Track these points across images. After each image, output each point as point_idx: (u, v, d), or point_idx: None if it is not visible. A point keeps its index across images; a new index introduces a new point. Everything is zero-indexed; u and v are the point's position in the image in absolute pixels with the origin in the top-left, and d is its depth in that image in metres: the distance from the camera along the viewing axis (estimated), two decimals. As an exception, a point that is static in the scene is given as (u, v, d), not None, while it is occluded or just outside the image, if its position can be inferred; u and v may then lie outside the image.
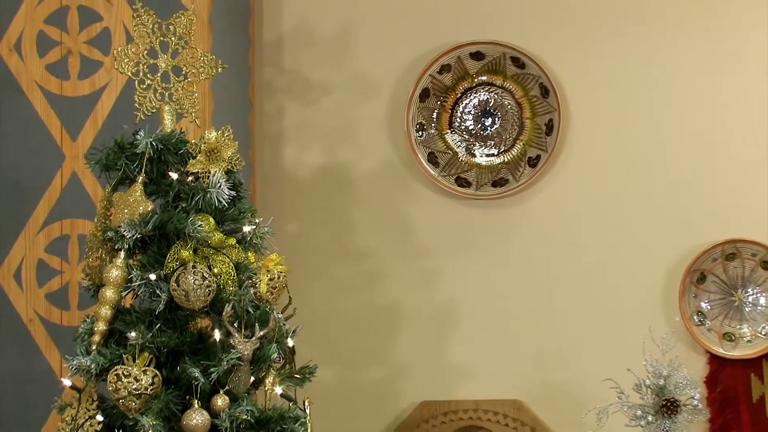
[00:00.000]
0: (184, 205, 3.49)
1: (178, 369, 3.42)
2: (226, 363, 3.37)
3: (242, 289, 3.47)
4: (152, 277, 3.41)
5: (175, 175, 3.52)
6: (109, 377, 3.34)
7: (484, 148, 4.66)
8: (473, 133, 4.66)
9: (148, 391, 3.33)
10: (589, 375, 4.30)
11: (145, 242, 3.48)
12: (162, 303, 3.41)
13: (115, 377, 3.33)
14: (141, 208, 3.45)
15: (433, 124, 4.67)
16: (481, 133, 4.66)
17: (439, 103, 4.66)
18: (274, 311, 3.55)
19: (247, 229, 3.56)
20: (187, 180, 3.53)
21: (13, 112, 4.27)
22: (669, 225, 4.51)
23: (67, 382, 3.49)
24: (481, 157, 4.65)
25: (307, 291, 4.52)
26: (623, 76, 4.57)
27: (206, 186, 3.49)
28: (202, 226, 3.43)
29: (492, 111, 4.66)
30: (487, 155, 4.65)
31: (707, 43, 4.53)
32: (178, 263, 3.41)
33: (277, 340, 3.54)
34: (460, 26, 4.63)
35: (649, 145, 4.55)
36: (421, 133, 4.65)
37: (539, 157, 4.58)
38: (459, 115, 4.66)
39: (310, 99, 4.73)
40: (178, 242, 3.44)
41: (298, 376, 3.67)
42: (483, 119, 4.66)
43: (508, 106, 4.64)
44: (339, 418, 4.50)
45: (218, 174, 3.50)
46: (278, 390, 3.57)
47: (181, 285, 3.39)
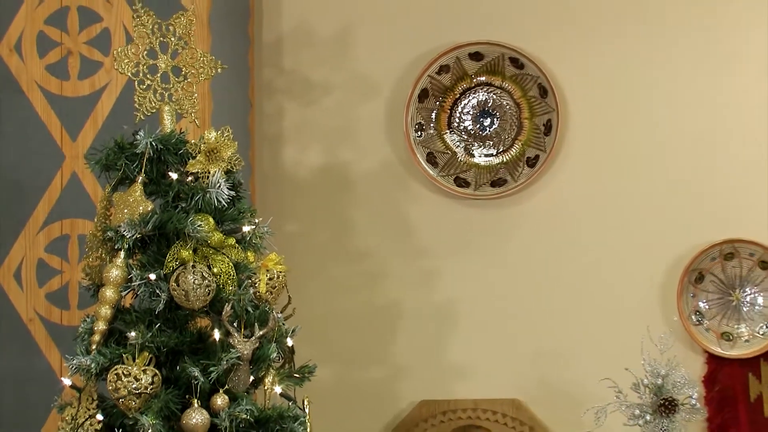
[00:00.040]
0: (183, 205, 3.49)
1: (178, 368, 3.42)
2: (225, 362, 3.37)
3: (242, 289, 3.47)
4: (152, 277, 3.41)
5: (174, 175, 3.52)
6: (109, 376, 3.35)
7: (483, 149, 4.66)
8: (472, 133, 4.67)
9: (148, 390, 3.34)
10: (588, 374, 4.30)
11: (145, 242, 3.48)
12: (162, 303, 3.41)
13: (115, 376, 3.33)
14: (141, 208, 3.45)
15: (432, 125, 4.67)
16: (480, 133, 4.67)
17: (438, 103, 4.66)
18: (274, 311, 3.55)
19: (246, 229, 3.56)
20: (187, 180, 3.53)
21: (13, 112, 4.27)
22: (667, 225, 4.51)
23: (67, 382, 3.50)
24: (480, 157, 4.66)
25: (306, 291, 4.52)
26: (622, 76, 4.57)
27: (206, 186, 3.49)
28: (202, 226, 3.43)
29: (491, 111, 4.66)
30: (486, 155, 4.66)
31: (707, 43, 4.52)
32: (177, 263, 3.42)
33: (277, 339, 3.54)
34: (459, 27, 4.63)
35: (648, 145, 4.55)
36: (420, 133, 4.65)
37: (538, 158, 4.58)
38: (458, 115, 4.67)
39: (310, 99, 4.73)
40: (177, 242, 3.44)
41: (298, 376, 3.67)
42: (482, 119, 4.66)
43: (507, 107, 4.65)
44: (338, 418, 4.50)
45: (218, 174, 3.50)
46: (278, 389, 3.58)
47: (181, 285, 3.40)
